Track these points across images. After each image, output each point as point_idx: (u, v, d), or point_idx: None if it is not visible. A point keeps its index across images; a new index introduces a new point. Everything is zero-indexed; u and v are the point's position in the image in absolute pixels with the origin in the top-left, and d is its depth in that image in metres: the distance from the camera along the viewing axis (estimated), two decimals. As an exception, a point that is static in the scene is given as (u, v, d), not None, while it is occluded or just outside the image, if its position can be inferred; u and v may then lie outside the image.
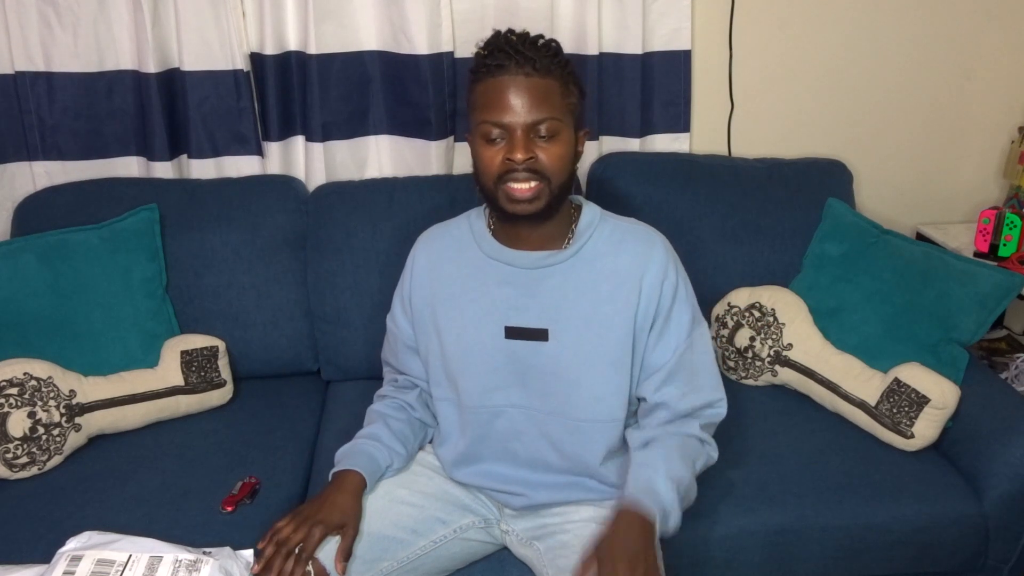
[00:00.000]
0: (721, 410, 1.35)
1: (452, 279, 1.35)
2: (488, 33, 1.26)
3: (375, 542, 1.26)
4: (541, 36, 1.24)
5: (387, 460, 1.34)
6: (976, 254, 2.02)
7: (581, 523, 1.28)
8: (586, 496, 1.32)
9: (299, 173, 1.99)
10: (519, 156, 1.19)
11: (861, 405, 1.62)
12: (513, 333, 1.29)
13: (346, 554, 1.21)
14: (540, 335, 1.28)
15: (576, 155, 1.28)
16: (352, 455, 1.33)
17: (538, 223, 1.28)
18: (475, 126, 1.24)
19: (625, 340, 1.28)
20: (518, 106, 1.19)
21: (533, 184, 1.21)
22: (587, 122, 1.91)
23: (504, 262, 1.32)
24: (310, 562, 1.18)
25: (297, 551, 1.19)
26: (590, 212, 1.35)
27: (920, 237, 2.19)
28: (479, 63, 1.23)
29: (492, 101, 1.20)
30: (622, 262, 1.29)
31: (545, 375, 1.29)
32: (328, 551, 1.21)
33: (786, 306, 1.77)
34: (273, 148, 1.96)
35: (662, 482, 1.21)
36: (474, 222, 1.38)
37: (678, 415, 1.30)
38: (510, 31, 1.25)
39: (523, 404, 1.31)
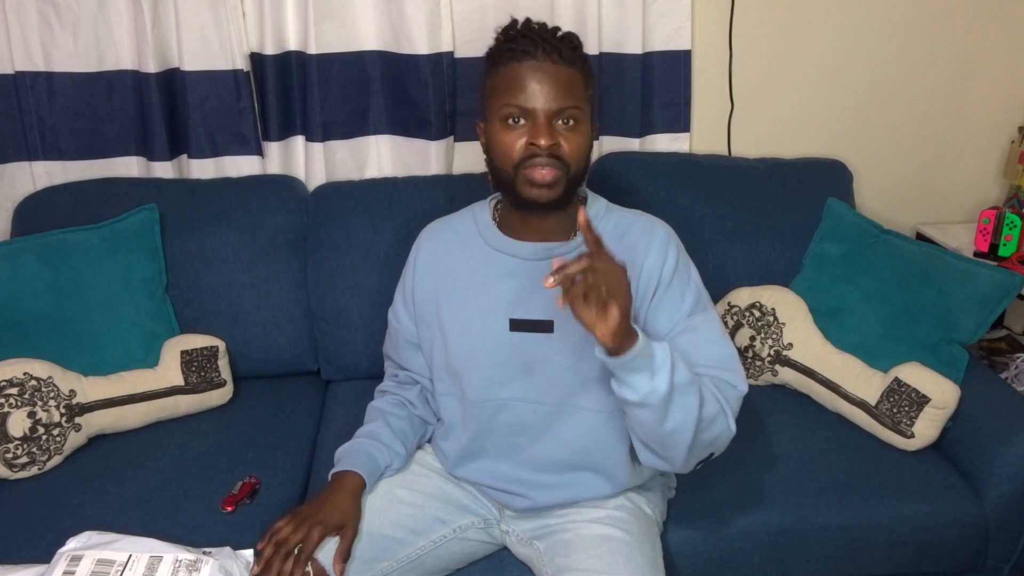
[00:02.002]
0: (739, 387, 1.24)
1: (456, 273, 1.34)
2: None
3: (374, 542, 1.26)
4: (559, 28, 1.24)
5: (387, 460, 1.34)
6: (976, 254, 2.02)
7: (582, 523, 1.28)
8: (588, 496, 1.32)
9: (299, 173, 1.99)
10: (543, 141, 1.18)
11: (861, 405, 1.62)
12: (518, 325, 1.28)
13: (345, 555, 1.21)
14: (546, 327, 1.27)
15: (591, 147, 1.28)
16: (351, 455, 1.33)
17: (550, 212, 1.27)
18: (496, 109, 1.22)
19: None
20: (544, 92, 1.18)
21: (554, 170, 1.20)
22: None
23: (509, 254, 1.31)
24: (309, 563, 1.18)
25: (296, 552, 1.19)
26: (596, 204, 1.34)
27: (920, 237, 2.19)
28: (502, 48, 1.22)
29: (517, 85, 1.19)
30: (625, 252, 1.29)
31: (550, 367, 1.28)
32: (327, 552, 1.21)
33: (786, 306, 1.77)
34: (273, 148, 1.96)
35: (661, 343, 1.10)
36: (478, 215, 1.37)
37: None
38: (529, 20, 1.24)
39: (528, 397, 1.30)
